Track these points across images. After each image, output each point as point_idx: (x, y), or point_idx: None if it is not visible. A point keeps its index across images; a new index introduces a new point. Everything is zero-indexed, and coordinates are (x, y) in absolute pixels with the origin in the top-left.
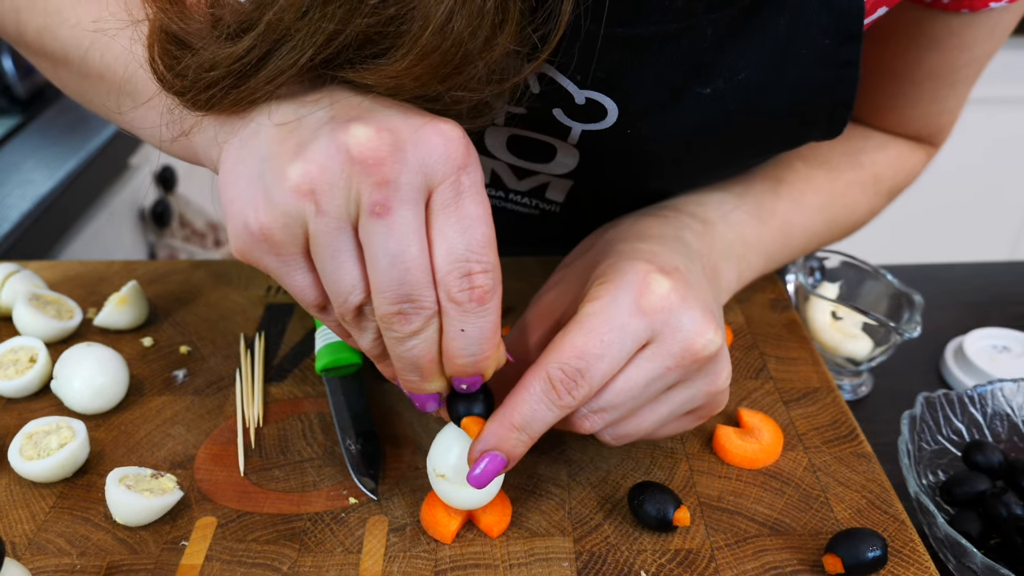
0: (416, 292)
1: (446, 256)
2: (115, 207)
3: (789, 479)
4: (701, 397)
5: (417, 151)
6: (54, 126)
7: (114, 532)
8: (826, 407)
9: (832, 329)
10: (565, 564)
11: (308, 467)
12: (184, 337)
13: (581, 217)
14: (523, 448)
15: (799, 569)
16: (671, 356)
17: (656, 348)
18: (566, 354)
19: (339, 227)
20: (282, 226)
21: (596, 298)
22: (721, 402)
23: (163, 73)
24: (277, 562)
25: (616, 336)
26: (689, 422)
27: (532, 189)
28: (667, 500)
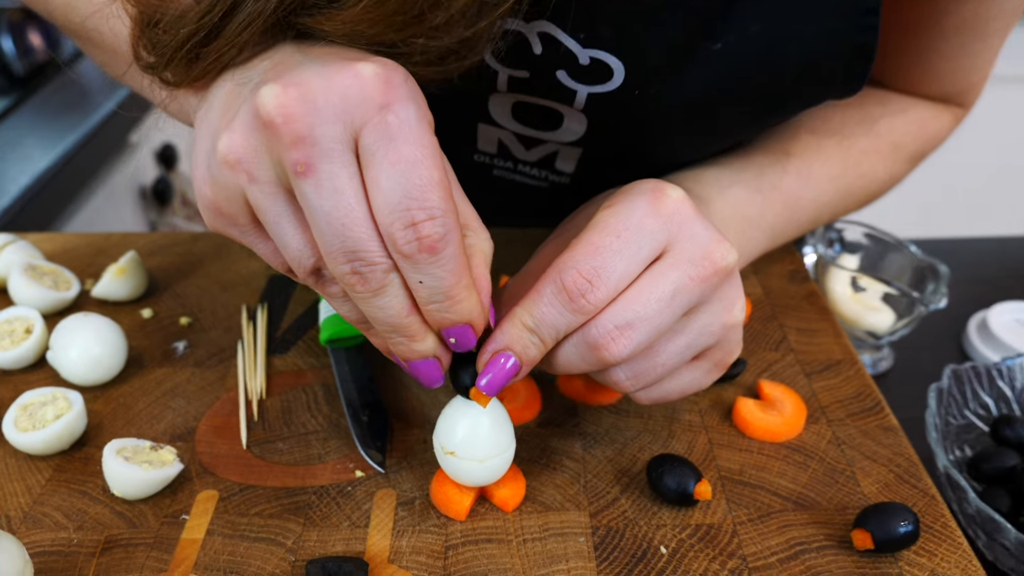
0: (361, 248)
1: (383, 207)
2: (115, 184)
3: (813, 452)
4: (717, 328)
5: (329, 99)
6: (52, 103)
7: (112, 506)
8: (849, 379)
9: (852, 301)
10: (581, 539)
11: (313, 439)
12: (185, 308)
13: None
14: (536, 352)
15: (826, 545)
16: (691, 264)
17: (675, 256)
18: (580, 252)
19: (272, 192)
20: (226, 199)
21: (609, 206)
22: (734, 342)
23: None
24: (281, 536)
25: (632, 235)
26: (704, 372)
27: (541, 159)
28: (687, 473)
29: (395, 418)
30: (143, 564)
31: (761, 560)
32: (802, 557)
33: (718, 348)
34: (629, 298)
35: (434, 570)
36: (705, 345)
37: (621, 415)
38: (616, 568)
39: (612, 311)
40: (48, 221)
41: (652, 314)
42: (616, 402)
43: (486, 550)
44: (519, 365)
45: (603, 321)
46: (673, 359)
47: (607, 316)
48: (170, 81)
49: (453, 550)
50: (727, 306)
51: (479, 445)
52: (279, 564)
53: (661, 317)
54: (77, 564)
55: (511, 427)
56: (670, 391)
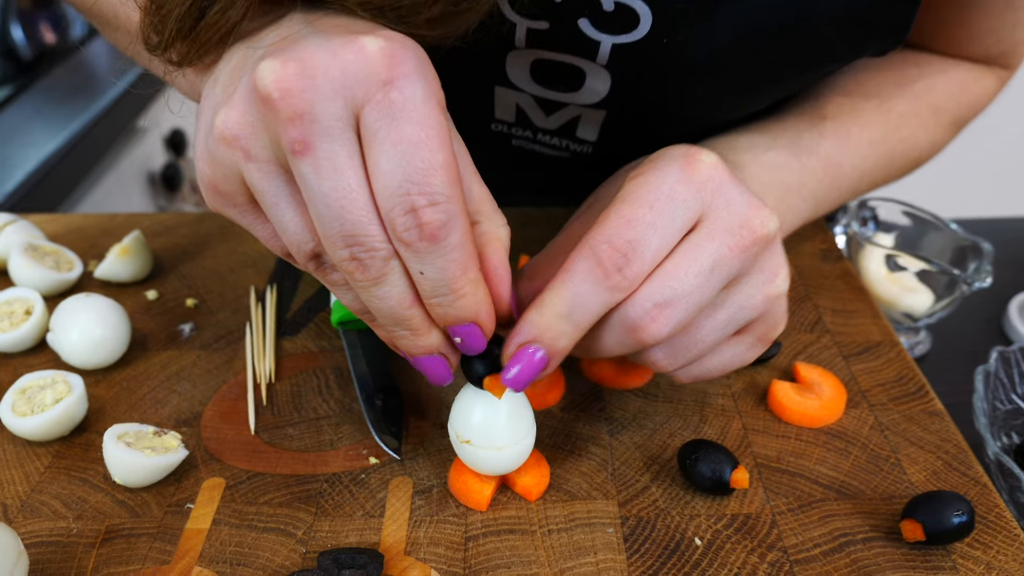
0: (360, 232)
1: (383, 191)
2: (123, 169)
3: (854, 439)
4: (759, 301)
5: (330, 74)
6: (60, 88)
7: (114, 494)
8: (890, 362)
9: (888, 282)
10: (610, 530)
11: (324, 425)
12: (191, 290)
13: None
14: (567, 341)
15: (872, 536)
16: (729, 233)
17: (711, 225)
18: (612, 226)
19: (270, 172)
20: (223, 177)
21: (638, 175)
22: (779, 316)
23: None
24: (291, 526)
25: (666, 204)
26: (747, 347)
27: (562, 126)
28: (723, 460)
29: (411, 402)
30: (145, 555)
31: (803, 552)
32: (847, 549)
33: (761, 321)
34: (666, 273)
35: (453, 562)
36: (747, 319)
37: (649, 399)
38: (648, 561)
39: (649, 288)
40: (54, 206)
41: (691, 289)
42: (644, 385)
43: (508, 541)
44: (548, 358)
45: (640, 300)
46: (713, 335)
47: (644, 294)
48: (174, 61)
49: (473, 541)
50: (769, 277)
51: (496, 432)
52: (289, 555)
53: (701, 292)
54: (76, 555)
55: (531, 412)
56: (711, 368)
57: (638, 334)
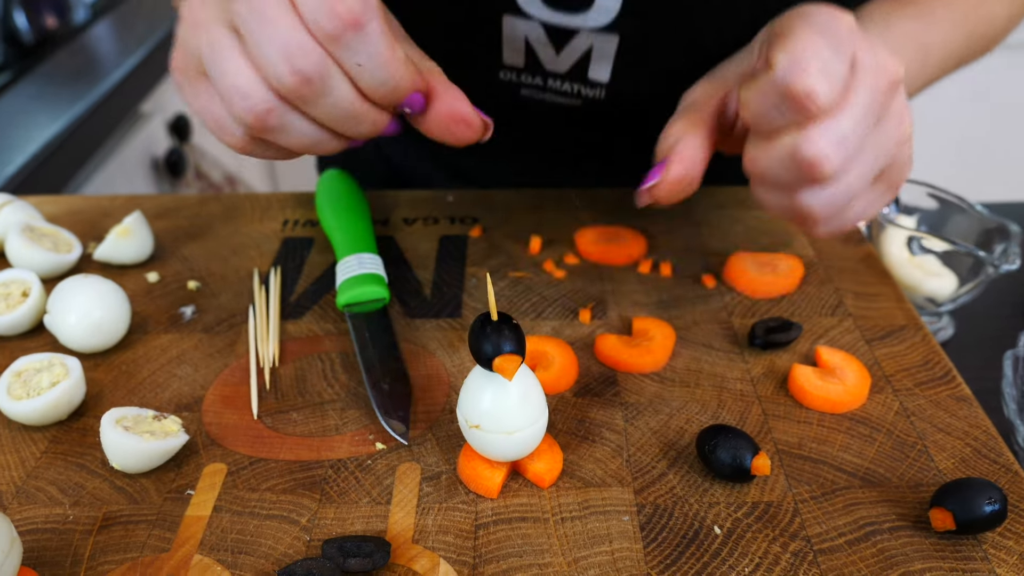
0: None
1: (308, 12)
2: (126, 155)
3: (879, 425)
4: (893, 145)
5: None
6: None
7: (112, 480)
8: (915, 346)
9: (910, 265)
10: (625, 518)
11: (329, 409)
12: (193, 272)
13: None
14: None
15: (899, 525)
16: (875, 75)
17: (861, 67)
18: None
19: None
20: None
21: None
22: (907, 159)
23: None
24: (295, 514)
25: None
26: (880, 194)
27: (572, 67)
28: (743, 445)
29: (419, 387)
30: (144, 543)
31: (827, 542)
32: (873, 539)
33: (893, 167)
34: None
35: (462, 551)
36: (885, 164)
37: (665, 384)
38: (666, 550)
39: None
40: (56, 191)
41: (856, 127)
42: (660, 370)
43: (520, 529)
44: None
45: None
46: (863, 180)
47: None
48: None
49: (483, 529)
50: (898, 122)
51: (507, 416)
52: (292, 543)
53: (864, 131)
54: (72, 542)
55: (543, 395)
56: (852, 217)
57: (814, 171)
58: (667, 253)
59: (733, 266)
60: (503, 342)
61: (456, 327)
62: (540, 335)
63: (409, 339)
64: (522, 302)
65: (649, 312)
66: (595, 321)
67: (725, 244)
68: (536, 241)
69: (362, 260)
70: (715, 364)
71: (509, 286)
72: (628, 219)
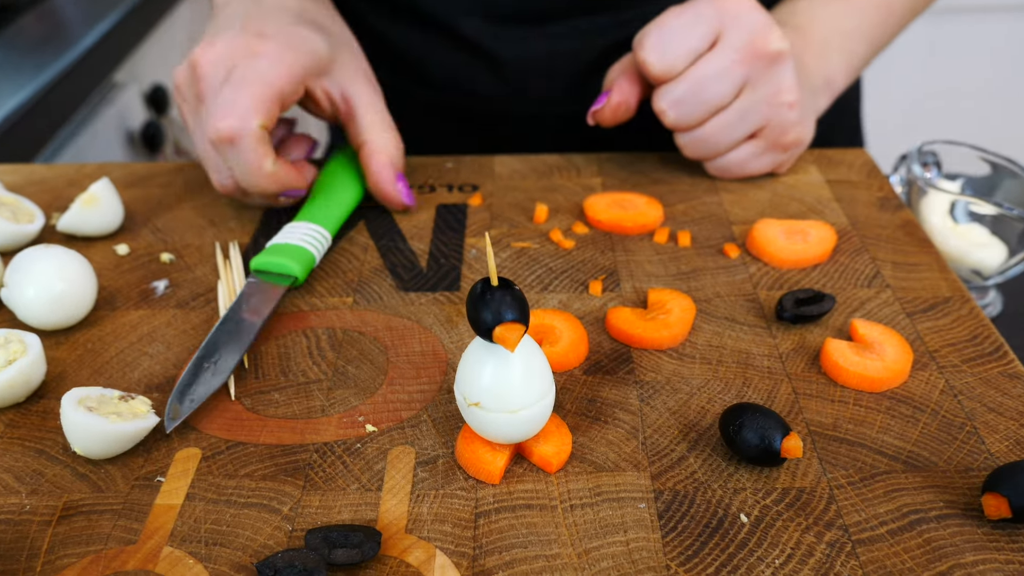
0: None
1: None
2: (99, 128)
3: (923, 404)
4: (764, 109)
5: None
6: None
7: (73, 466)
8: (962, 319)
9: (954, 235)
10: (641, 505)
11: (315, 389)
12: (166, 244)
13: None
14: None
15: (948, 513)
16: (735, 49)
17: (723, 42)
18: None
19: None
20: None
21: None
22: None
23: None
24: (276, 501)
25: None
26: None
27: None
28: (772, 426)
29: (413, 364)
30: (108, 534)
31: (867, 531)
32: (918, 528)
33: (770, 128)
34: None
35: (461, 541)
36: (755, 124)
37: (684, 360)
38: (686, 540)
39: (668, 88)
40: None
41: (698, 90)
42: (678, 345)
43: (525, 518)
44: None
45: (661, 95)
46: (726, 133)
47: (664, 91)
48: None
49: (484, 518)
50: (774, 90)
51: (510, 393)
52: (273, 534)
53: (707, 94)
54: (29, 534)
55: (549, 370)
56: (730, 162)
57: (663, 121)
58: (685, 221)
59: (758, 235)
60: (504, 309)
61: (454, 301)
62: (547, 308)
63: (403, 313)
64: (527, 274)
65: (666, 284)
66: (607, 293)
67: (749, 211)
68: (542, 209)
69: (301, 229)
70: (739, 339)
71: (512, 257)
72: (643, 185)
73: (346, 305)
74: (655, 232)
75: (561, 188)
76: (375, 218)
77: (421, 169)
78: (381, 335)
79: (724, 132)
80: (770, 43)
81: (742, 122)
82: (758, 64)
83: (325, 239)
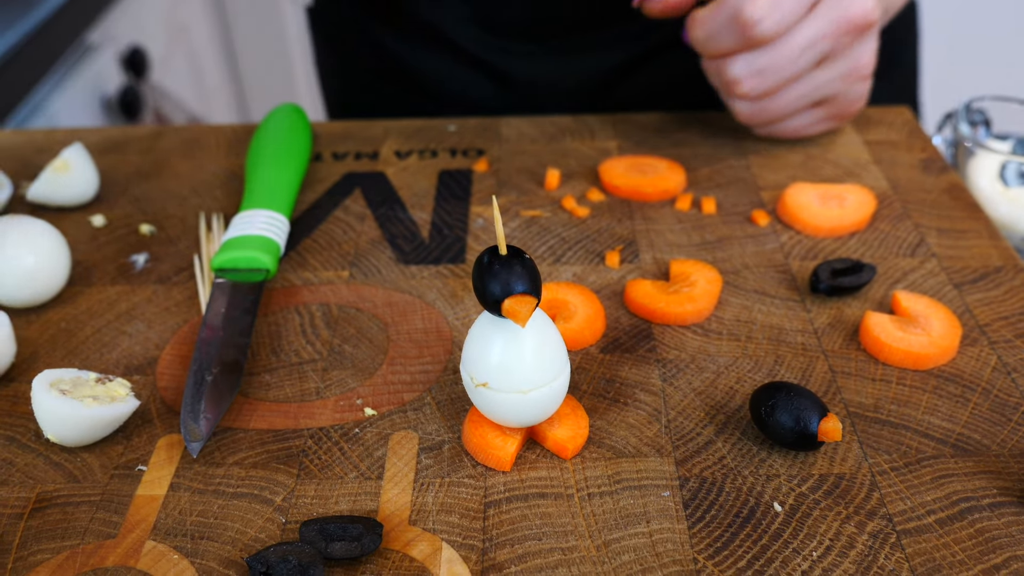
0: None
1: None
2: (72, 93)
3: (973, 382)
4: (838, 83)
5: None
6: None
7: (47, 455)
8: (1015, 290)
9: (1004, 199)
10: (666, 493)
11: (309, 371)
12: (145, 215)
13: None
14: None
15: (1002, 501)
16: (829, 20)
17: (818, 9)
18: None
19: None
20: None
21: None
22: (856, 96)
23: None
24: (268, 491)
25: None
26: (817, 119)
27: None
28: (808, 406)
29: (414, 342)
30: (86, 527)
31: (913, 521)
32: (969, 517)
33: (836, 100)
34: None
35: (469, 533)
36: (826, 95)
37: (711, 337)
38: (716, 531)
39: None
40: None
41: (785, 63)
42: (704, 320)
43: (539, 507)
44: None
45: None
46: (792, 104)
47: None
48: None
49: (494, 508)
50: (854, 64)
51: (520, 372)
52: (264, 526)
53: (792, 67)
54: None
55: (563, 346)
56: (784, 129)
57: (731, 89)
58: (710, 187)
59: (790, 200)
60: (514, 280)
61: (459, 274)
62: (560, 281)
63: (403, 288)
64: (538, 245)
65: (689, 255)
66: (625, 265)
67: (779, 176)
68: (554, 175)
69: (256, 219)
70: (770, 314)
71: (522, 227)
72: (662, 148)
73: (342, 279)
74: (677, 199)
75: (574, 152)
76: (371, 184)
77: (420, 133)
78: (380, 311)
79: (792, 103)
80: (865, 15)
81: (814, 93)
82: (845, 38)
83: (284, 225)
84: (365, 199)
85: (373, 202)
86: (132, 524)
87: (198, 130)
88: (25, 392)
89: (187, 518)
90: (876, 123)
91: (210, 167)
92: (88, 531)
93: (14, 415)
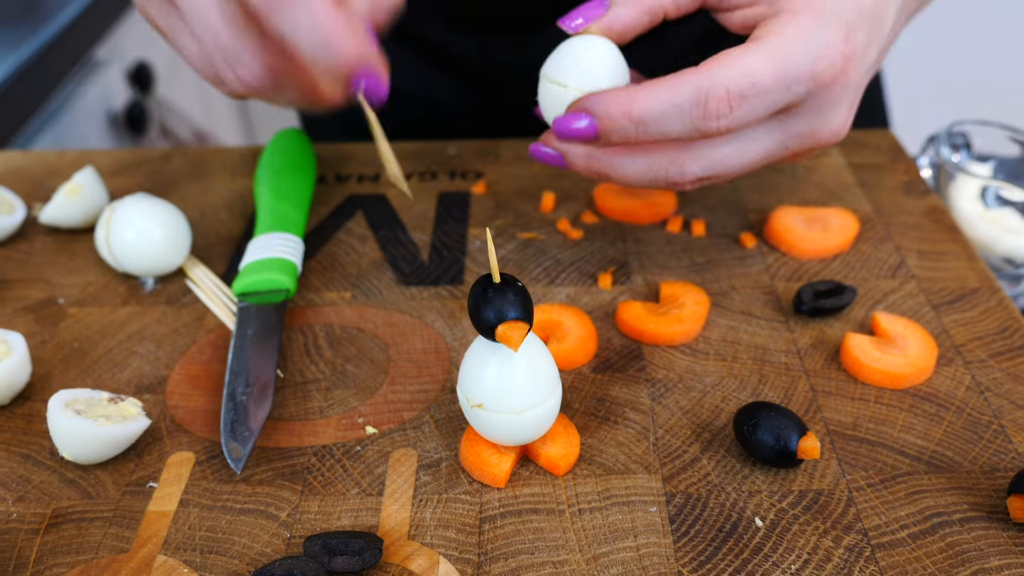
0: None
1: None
2: (79, 109)
3: (947, 401)
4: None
5: None
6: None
7: (62, 472)
8: (990, 311)
9: (985, 220)
10: (652, 509)
11: (312, 389)
12: None
13: None
14: (619, 138)
15: (972, 516)
16: (798, 138)
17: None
18: (739, 71)
19: None
20: None
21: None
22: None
23: None
24: (274, 507)
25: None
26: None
27: None
28: (788, 425)
29: (414, 362)
30: (99, 542)
31: (887, 535)
32: (941, 531)
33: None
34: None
35: (465, 547)
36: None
37: (698, 357)
38: (699, 544)
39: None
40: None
41: (736, 171)
42: (691, 341)
43: (532, 523)
44: (596, 132)
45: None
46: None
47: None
48: None
49: (490, 523)
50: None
51: (514, 393)
52: (270, 541)
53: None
54: (16, 543)
55: (555, 368)
56: None
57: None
58: (699, 209)
59: (776, 223)
60: (507, 307)
61: (457, 295)
62: (554, 303)
63: (404, 309)
64: (533, 267)
65: (679, 276)
66: (617, 287)
67: (766, 198)
68: (549, 197)
69: (272, 242)
70: (755, 334)
71: (518, 248)
72: None
73: (344, 300)
74: (668, 221)
75: (569, 175)
76: (373, 207)
77: (420, 155)
78: (381, 332)
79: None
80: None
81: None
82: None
83: (299, 246)
84: (367, 221)
85: (374, 224)
86: (144, 539)
87: (205, 152)
88: (40, 411)
89: (196, 533)
90: (861, 146)
91: (216, 188)
92: (102, 546)
93: (29, 433)
